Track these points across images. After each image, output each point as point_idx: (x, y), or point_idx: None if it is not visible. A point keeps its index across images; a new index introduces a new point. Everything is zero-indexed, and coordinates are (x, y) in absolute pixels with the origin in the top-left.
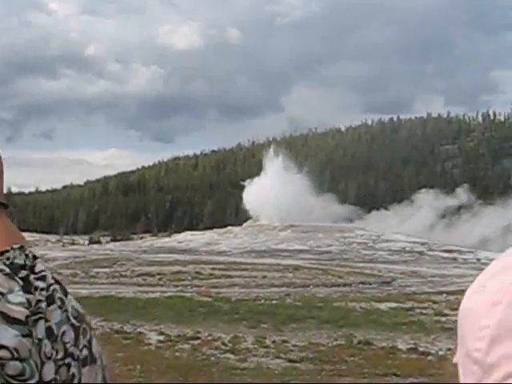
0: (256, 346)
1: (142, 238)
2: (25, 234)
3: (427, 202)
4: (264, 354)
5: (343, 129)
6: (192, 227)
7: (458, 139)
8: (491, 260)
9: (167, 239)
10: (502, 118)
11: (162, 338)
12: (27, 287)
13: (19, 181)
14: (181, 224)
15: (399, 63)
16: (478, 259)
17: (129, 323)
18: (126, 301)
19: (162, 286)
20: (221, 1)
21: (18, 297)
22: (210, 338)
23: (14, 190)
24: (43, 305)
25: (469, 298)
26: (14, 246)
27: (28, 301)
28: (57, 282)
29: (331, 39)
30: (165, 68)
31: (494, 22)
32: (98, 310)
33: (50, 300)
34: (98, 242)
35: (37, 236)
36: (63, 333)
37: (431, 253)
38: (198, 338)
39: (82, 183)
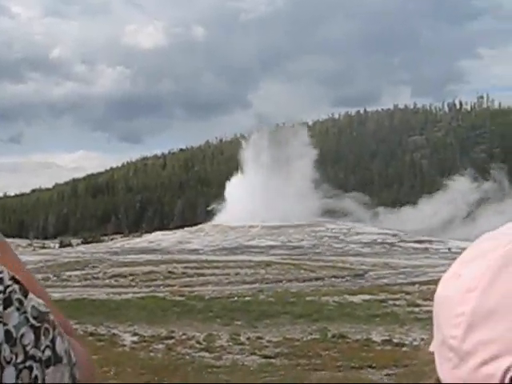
0: (231, 343)
1: (112, 240)
2: None
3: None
4: (239, 351)
5: (310, 123)
6: (163, 227)
7: (425, 130)
8: (462, 249)
9: (138, 239)
10: (469, 108)
11: (136, 338)
12: None
13: None
14: (151, 224)
15: (365, 56)
16: (449, 248)
17: (102, 325)
18: (99, 303)
19: (134, 286)
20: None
21: None
22: (184, 337)
23: None
24: (0, 308)
25: (443, 286)
26: None
27: None
28: (16, 281)
29: (296, 34)
30: (131, 68)
31: (459, 11)
32: (71, 313)
33: (7, 302)
34: (69, 245)
35: (6, 241)
36: (22, 335)
37: (402, 244)
38: (173, 338)
39: (50, 186)
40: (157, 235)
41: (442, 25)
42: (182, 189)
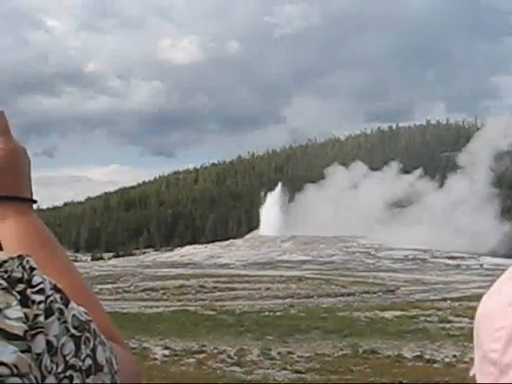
0: (262, 358)
1: (144, 253)
2: None
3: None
4: (270, 366)
5: (342, 138)
6: (194, 241)
7: (457, 145)
8: (494, 265)
9: (170, 253)
10: None
11: (167, 352)
12: (25, 301)
13: None
14: (183, 238)
15: (399, 71)
16: (481, 265)
17: (134, 338)
18: (131, 316)
19: (165, 300)
20: (219, 14)
21: (16, 312)
22: (215, 351)
23: None
24: (41, 318)
25: (484, 303)
26: (13, 256)
27: (26, 315)
28: (57, 290)
29: (329, 49)
30: (165, 82)
31: (494, 27)
32: None
33: (49, 312)
34: (101, 259)
35: None
36: (62, 345)
37: (434, 260)
38: (204, 352)
39: (83, 200)
40: (188, 249)
41: (477, 40)
42: (214, 203)
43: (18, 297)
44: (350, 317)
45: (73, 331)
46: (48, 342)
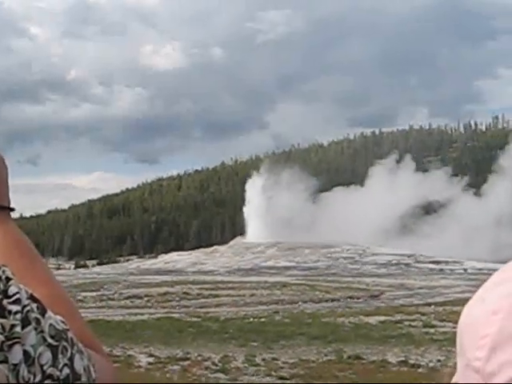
0: (246, 364)
1: (128, 261)
2: None
3: None
4: (254, 373)
5: (326, 144)
6: (178, 248)
7: (440, 150)
8: (478, 269)
9: (154, 260)
10: (484, 128)
11: (151, 359)
12: (1, 312)
13: None
14: (167, 245)
15: (382, 77)
16: (465, 269)
17: (118, 346)
18: (115, 324)
19: (150, 307)
20: (202, 20)
21: None
22: (199, 358)
23: None
24: (18, 329)
25: (468, 313)
26: None
27: (2, 326)
28: (34, 300)
29: (313, 55)
30: (148, 89)
31: (476, 31)
32: None
33: (25, 322)
34: (84, 266)
35: None
36: (39, 354)
37: (418, 265)
38: (188, 359)
39: (66, 207)
40: (172, 256)
41: (460, 45)
42: (198, 210)
43: None
44: (335, 322)
45: (50, 340)
46: (25, 352)
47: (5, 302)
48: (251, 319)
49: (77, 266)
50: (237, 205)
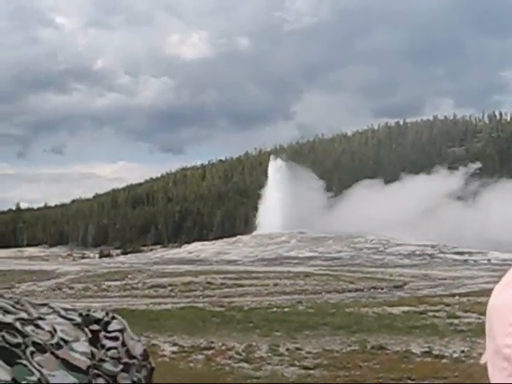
0: (270, 354)
1: (152, 250)
2: (35, 250)
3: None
4: (278, 362)
5: (350, 134)
6: (202, 237)
7: (465, 140)
8: (502, 260)
9: (177, 250)
10: (509, 118)
11: (175, 349)
12: (94, 341)
13: (29, 196)
14: (190, 235)
15: (407, 67)
16: (489, 260)
17: (142, 335)
18: (139, 313)
19: (173, 297)
20: (228, 9)
21: (83, 346)
22: (223, 347)
23: (23, 205)
24: (107, 365)
25: (496, 296)
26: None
27: (92, 353)
28: (146, 357)
29: (339, 44)
30: (174, 79)
31: (503, 22)
32: None
33: (127, 368)
34: (109, 255)
35: (47, 251)
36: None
37: (442, 255)
38: (212, 348)
39: (91, 197)
40: (196, 246)
41: (487, 35)
42: (221, 200)
43: (89, 335)
44: (358, 313)
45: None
46: None
47: (102, 334)
48: (275, 309)
49: (101, 256)
50: (260, 195)
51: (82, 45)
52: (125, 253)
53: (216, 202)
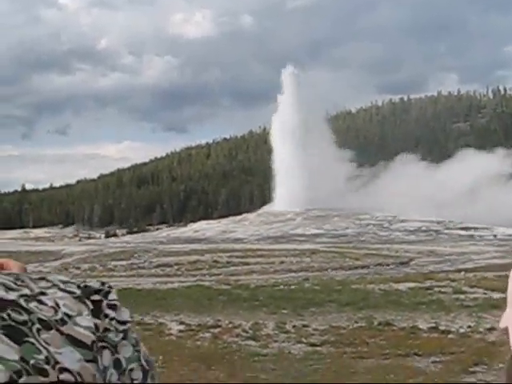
0: (277, 331)
1: (158, 229)
2: (41, 231)
3: None
4: (285, 340)
5: (354, 111)
6: (207, 216)
7: (469, 116)
8: (508, 235)
9: (183, 229)
10: None
11: (182, 327)
12: (97, 312)
13: (33, 177)
14: (196, 213)
15: (411, 43)
16: (495, 235)
17: (149, 314)
18: (145, 292)
19: (180, 275)
20: None
21: (86, 320)
22: (230, 325)
23: (29, 186)
24: (112, 335)
25: None
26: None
27: (96, 325)
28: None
29: (342, 21)
30: (178, 58)
31: None
32: None
33: (124, 335)
34: (115, 235)
35: (53, 232)
36: (132, 369)
37: (448, 231)
38: (219, 327)
39: (95, 177)
40: (201, 225)
41: (490, 11)
42: (226, 178)
43: (91, 306)
44: (365, 289)
45: (144, 363)
46: (117, 360)
47: (104, 303)
48: (281, 286)
49: (107, 236)
50: (266, 173)
51: (85, 24)
52: (130, 232)
53: (221, 181)
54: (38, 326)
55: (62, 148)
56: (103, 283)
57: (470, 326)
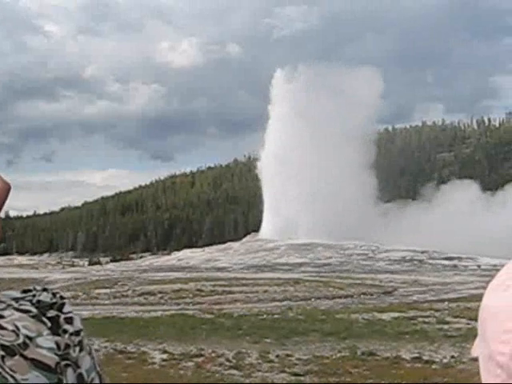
0: (260, 360)
1: (141, 257)
2: (25, 258)
3: None
4: (268, 369)
5: None
6: (191, 244)
7: (453, 146)
8: (492, 266)
9: (167, 257)
10: (497, 124)
11: (165, 356)
12: (55, 329)
13: (18, 204)
14: (180, 242)
15: (397, 73)
16: (479, 265)
17: (132, 343)
18: (128, 320)
19: (163, 304)
20: (219, 16)
21: (47, 341)
22: (213, 354)
23: (13, 213)
24: (71, 351)
25: (491, 296)
26: (37, 288)
27: (57, 344)
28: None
29: (329, 50)
30: (165, 86)
31: (492, 26)
32: (101, 331)
33: (81, 345)
34: (98, 263)
35: (36, 259)
36: (92, 379)
37: (432, 261)
38: (202, 355)
39: (79, 205)
40: (185, 253)
41: (476, 40)
42: (210, 207)
43: (49, 324)
44: (348, 319)
45: (98, 368)
46: (79, 376)
47: (61, 319)
48: (265, 316)
49: (91, 263)
50: (250, 202)
51: (71, 52)
52: (114, 260)
53: (205, 209)
54: (1, 352)
55: (47, 175)
56: (54, 294)
57: (453, 356)
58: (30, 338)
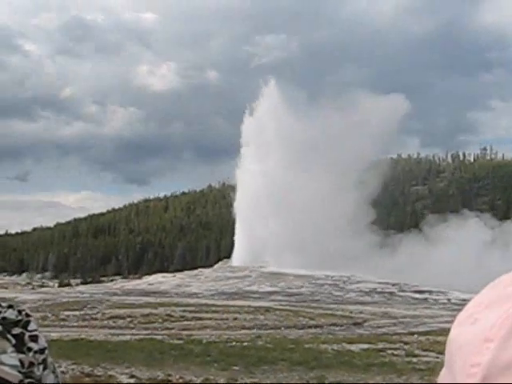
0: None
1: (112, 281)
2: None
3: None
4: None
5: None
6: (163, 269)
7: (428, 180)
8: (462, 300)
9: (138, 281)
10: (472, 159)
11: (132, 381)
12: (20, 347)
13: None
14: (151, 266)
15: None
16: (449, 299)
17: (99, 366)
18: (97, 344)
19: (132, 328)
20: (198, 41)
21: (11, 358)
22: (181, 380)
23: None
24: (35, 369)
25: (458, 329)
26: (3, 304)
27: (21, 362)
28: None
29: (306, 80)
30: (142, 109)
31: (471, 62)
32: (69, 353)
33: (45, 364)
34: (68, 285)
35: (6, 279)
36: None
37: (402, 293)
38: (170, 381)
39: (52, 225)
40: (156, 277)
41: (454, 75)
42: (183, 232)
43: (13, 341)
44: (317, 349)
45: None
46: None
47: (26, 336)
48: (234, 343)
49: (61, 285)
50: (223, 228)
51: (49, 72)
52: (85, 282)
53: (178, 234)
54: None
55: (21, 195)
56: (20, 312)
57: None
58: None
